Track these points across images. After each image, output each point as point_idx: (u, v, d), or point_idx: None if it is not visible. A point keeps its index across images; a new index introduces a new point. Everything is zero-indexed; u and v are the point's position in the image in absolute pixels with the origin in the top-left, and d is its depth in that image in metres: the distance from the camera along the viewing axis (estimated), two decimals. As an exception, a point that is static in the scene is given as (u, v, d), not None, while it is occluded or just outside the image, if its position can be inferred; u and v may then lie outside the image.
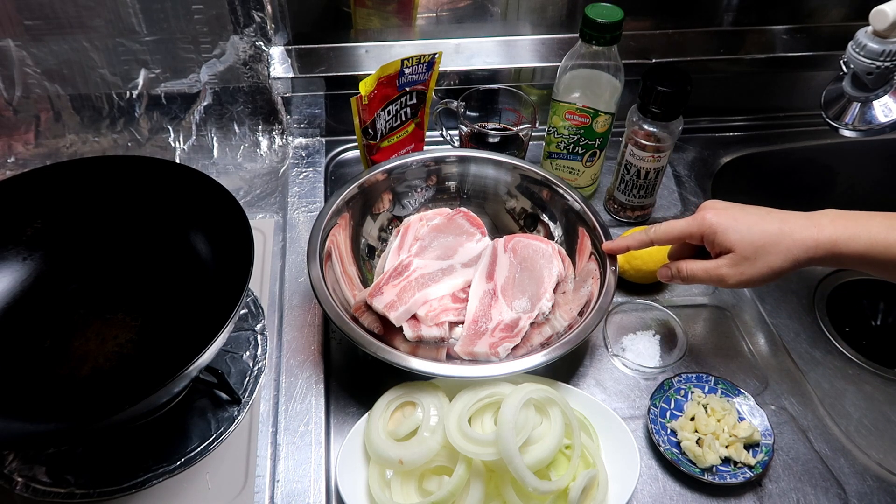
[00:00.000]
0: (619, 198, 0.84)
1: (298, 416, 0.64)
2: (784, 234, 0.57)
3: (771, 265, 0.57)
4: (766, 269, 0.57)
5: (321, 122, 0.93)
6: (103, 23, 0.81)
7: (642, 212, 0.85)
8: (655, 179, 0.80)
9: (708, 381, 0.67)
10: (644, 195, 0.82)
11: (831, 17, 0.98)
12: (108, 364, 0.64)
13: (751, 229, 0.58)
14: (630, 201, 0.83)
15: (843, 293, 0.93)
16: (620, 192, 0.83)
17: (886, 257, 0.55)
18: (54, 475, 0.60)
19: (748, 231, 0.58)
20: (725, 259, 0.59)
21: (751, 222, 0.58)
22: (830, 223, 0.57)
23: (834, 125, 0.79)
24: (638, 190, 0.81)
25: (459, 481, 0.55)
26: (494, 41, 0.93)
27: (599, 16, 0.70)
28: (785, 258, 0.57)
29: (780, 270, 0.57)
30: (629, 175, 0.80)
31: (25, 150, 0.88)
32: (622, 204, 0.84)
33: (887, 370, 0.83)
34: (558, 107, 0.78)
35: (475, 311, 0.68)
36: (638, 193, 0.82)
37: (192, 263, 0.70)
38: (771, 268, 0.57)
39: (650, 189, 0.81)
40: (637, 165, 0.79)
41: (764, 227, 0.58)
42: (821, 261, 0.57)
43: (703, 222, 0.59)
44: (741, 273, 0.58)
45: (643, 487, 0.61)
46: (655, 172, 0.79)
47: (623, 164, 0.81)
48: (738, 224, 0.58)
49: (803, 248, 0.56)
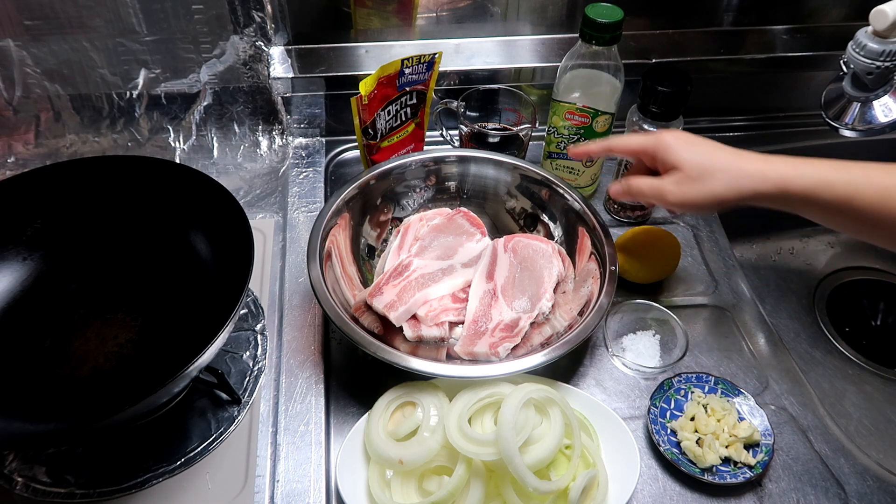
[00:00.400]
0: (623, 199, 0.83)
1: (298, 416, 0.64)
2: (734, 163, 0.57)
3: (714, 190, 0.57)
4: (709, 193, 0.58)
5: (321, 122, 0.93)
6: (103, 23, 0.81)
7: (642, 212, 0.84)
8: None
9: (708, 381, 0.67)
10: None
11: (831, 17, 0.98)
12: (108, 364, 0.64)
13: (702, 152, 0.59)
14: (630, 201, 0.83)
15: (843, 293, 0.93)
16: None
17: (830, 197, 0.55)
18: (54, 475, 0.60)
19: (698, 153, 0.59)
20: (671, 176, 0.59)
21: (704, 147, 0.59)
22: (782, 162, 0.57)
23: (834, 125, 0.79)
24: None
25: (459, 481, 0.55)
26: (494, 41, 0.93)
27: (599, 16, 0.70)
28: (729, 186, 0.57)
29: (723, 198, 0.57)
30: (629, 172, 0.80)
31: (25, 150, 0.88)
32: (622, 204, 0.84)
33: (887, 370, 0.83)
34: (558, 107, 0.78)
35: (475, 311, 0.68)
36: None
37: (192, 263, 0.70)
38: (713, 192, 0.57)
39: None
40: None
41: (716, 153, 0.58)
42: (768, 197, 0.57)
43: (658, 138, 0.60)
44: (683, 192, 0.59)
45: (643, 487, 0.61)
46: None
47: (623, 164, 0.81)
48: (691, 146, 0.59)
49: (750, 179, 0.56)
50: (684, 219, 0.86)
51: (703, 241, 0.84)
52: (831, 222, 0.57)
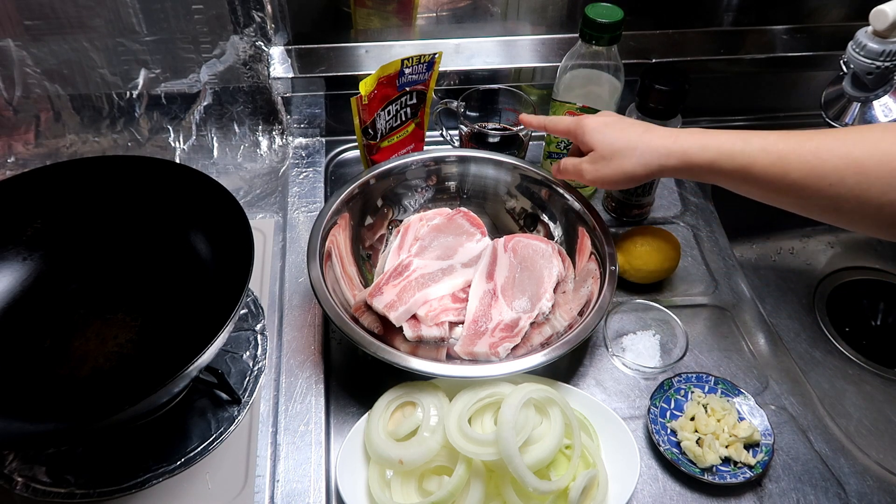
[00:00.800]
0: (618, 196, 0.83)
1: (298, 416, 0.64)
2: (642, 141, 0.62)
3: (623, 167, 0.63)
4: (619, 170, 0.63)
5: (321, 122, 0.93)
6: (103, 23, 0.81)
7: (640, 210, 0.84)
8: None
9: (708, 381, 0.67)
10: (641, 193, 0.81)
11: (831, 17, 0.98)
12: (108, 364, 0.64)
13: (613, 134, 0.64)
14: (628, 200, 0.82)
15: (843, 293, 0.93)
16: (618, 192, 0.83)
17: (730, 167, 0.58)
18: (54, 475, 0.60)
19: (610, 134, 0.64)
20: (588, 157, 0.66)
21: (617, 129, 0.64)
22: (688, 136, 0.61)
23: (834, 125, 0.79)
24: (635, 188, 0.80)
25: (459, 481, 0.55)
26: (494, 41, 0.93)
27: (599, 16, 0.70)
28: (637, 163, 0.62)
29: (632, 174, 0.63)
30: None
31: (25, 150, 0.88)
32: (620, 202, 0.83)
33: (887, 370, 0.83)
34: (559, 107, 0.78)
35: (475, 311, 0.68)
36: (635, 191, 0.81)
37: (192, 263, 0.70)
38: (623, 170, 0.63)
39: (647, 188, 0.81)
40: None
41: (626, 133, 0.63)
42: (674, 170, 0.61)
43: (579, 122, 0.67)
44: (597, 170, 0.65)
45: (643, 487, 0.61)
46: None
47: None
48: (605, 128, 0.64)
49: (656, 155, 0.61)
50: (684, 219, 0.86)
51: (703, 241, 0.84)
52: (740, 190, 0.60)
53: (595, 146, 0.65)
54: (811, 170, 0.54)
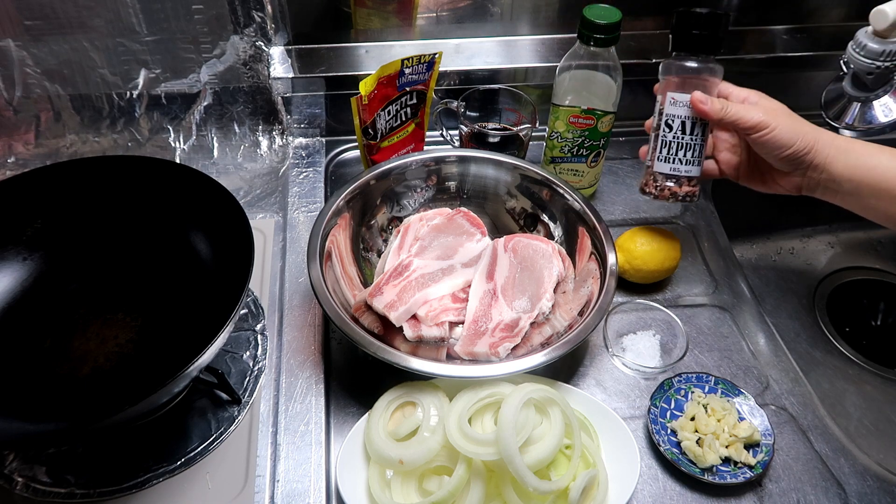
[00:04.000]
0: (663, 170, 0.68)
1: (298, 416, 0.64)
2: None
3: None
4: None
5: (321, 122, 0.93)
6: (103, 23, 0.81)
7: (691, 188, 0.69)
8: (703, 137, 0.67)
9: (708, 381, 0.67)
10: (692, 159, 0.67)
11: (831, 17, 0.98)
12: (108, 364, 0.64)
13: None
14: (675, 170, 0.68)
15: (843, 293, 0.93)
16: (663, 162, 0.68)
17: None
18: (54, 475, 0.60)
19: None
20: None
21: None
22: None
23: (834, 125, 0.79)
24: (685, 151, 0.67)
25: (459, 481, 0.55)
26: (494, 41, 0.93)
27: (597, 17, 0.70)
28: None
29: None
30: (671, 133, 0.67)
31: (25, 150, 0.88)
32: (667, 176, 0.69)
33: (887, 370, 0.83)
34: (560, 111, 0.78)
35: (475, 311, 0.68)
36: (685, 157, 0.67)
37: (192, 263, 0.70)
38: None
39: (697, 151, 0.67)
40: (681, 115, 0.66)
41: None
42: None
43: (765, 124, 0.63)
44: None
45: (643, 487, 0.61)
46: (702, 126, 0.66)
47: (663, 124, 0.67)
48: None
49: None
50: (684, 219, 0.86)
51: (703, 241, 0.84)
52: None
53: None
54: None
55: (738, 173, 0.69)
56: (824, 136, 0.62)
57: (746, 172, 0.69)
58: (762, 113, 0.62)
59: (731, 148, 0.69)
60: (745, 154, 0.68)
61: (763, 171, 0.67)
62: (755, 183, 0.68)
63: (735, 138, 0.69)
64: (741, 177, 0.69)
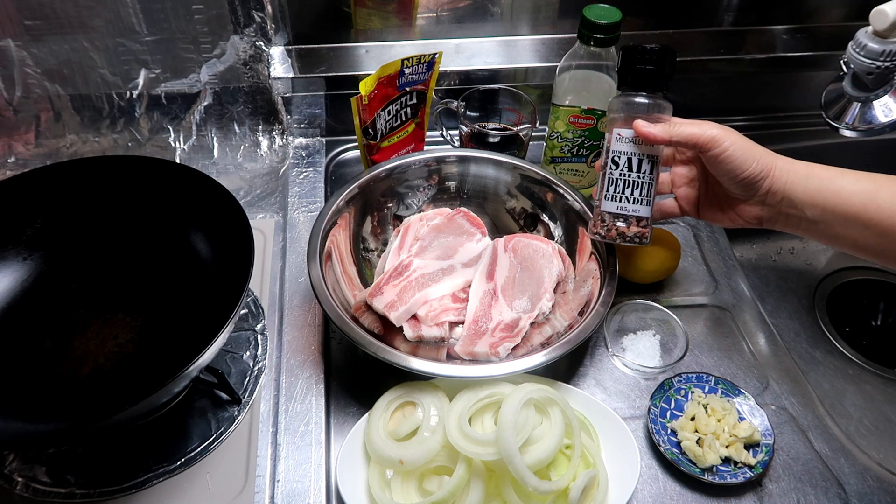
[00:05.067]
0: (607, 209, 0.64)
1: (298, 416, 0.64)
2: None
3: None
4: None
5: (321, 122, 0.93)
6: (103, 23, 0.81)
7: (640, 228, 0.64)
8: (651, 173, 0.63)
9: (708, 381, 0.67)
10: (640, 198, 0.63)
11: (831, 17, 0.98)
12: (108, 364, 0.64)
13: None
14: (622, 209, 0.63)
15: (843, 293, 0.93)
16: (609, 200, 0.64)
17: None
18: (54, 475, 0.60)
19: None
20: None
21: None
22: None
23: (834, 125, 0.79)
24: (631, 189, 0.63)
25: (459, 481, 0.55)
26: (494, 41, 0.93)
27: (597, 17, 0.70)
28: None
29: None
30: (618, 169, 0.63)
31: (25, 150, 0.88)
32: (614, 216, 0.64)
33: (887, 370, 0.83)
34: (560, 111, 0.78)
35: (475, 311, 0.68)
36: (631, 195, 0.63)
37: (192, 263, 0.70)
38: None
39: (646, 189, 0.63)
40: (627, 152, 0.62)
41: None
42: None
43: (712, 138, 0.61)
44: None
45: (643, 487, 0.61)
46: (650, 161, 0.62)
47: (609, 161, 0.64)
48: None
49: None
50: (684, 219, 0.86)
51: (703, 241, 0.84)
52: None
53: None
54: None
55: (698, 208, 0.67)
56: (782, 162, 0.60)
57: (706, 205, 0.66)
58: (716, 129, 0.59)
59: (688, 182, 0.67)
60: (704, 187, 0.66)
61: (722, 203, 0.64)
62: (716, 216, 0.65)
63: (692, 171, 0.66)
64: (701, 211, 0.67)
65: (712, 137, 0.59)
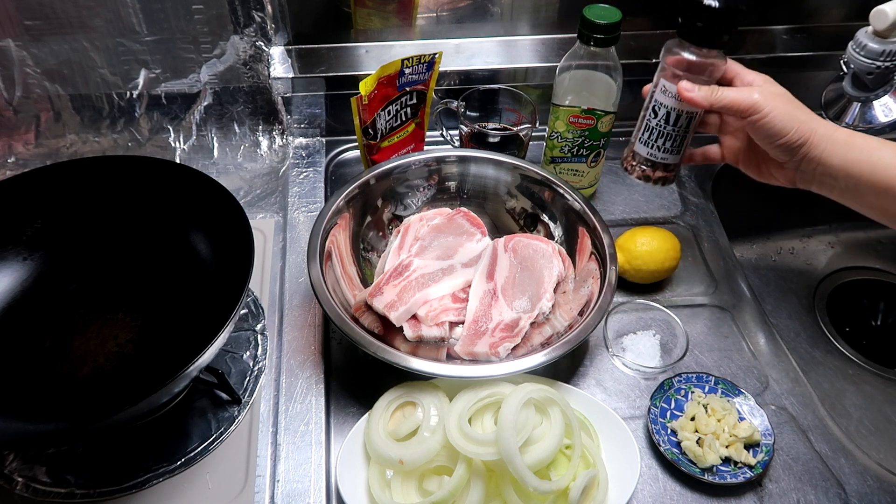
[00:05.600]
0: (641, 152, 0.68)
1: (298, 416, 0.64)
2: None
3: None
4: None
5: (321, 122, 0.93)
6: (103, 23, 0.81)
7: (665, 173, 0.69)
8: (687, 129, 0.65)
9: (708, 381, 0.67)
10: (671, 149, 0.66)
11: (831, 17, 0.98)
12: (109, 364, 0.64)
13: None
14: (653, 155, 0.67)
15: (843, 293, 0.93)
16: (643, 144, 0.67)
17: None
18: (54, 475, 0.60)
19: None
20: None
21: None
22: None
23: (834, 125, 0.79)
24: (664, 140, 0.66)
25: (459, 481, 0.55)
26: (494, 41, 0.93)
27: (597, 17, 0.70)
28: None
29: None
30: (657, 120, 0.65)
31: (25, 150, 0.88)
32: (644, 159, 0.68)
33: (887, 370, 0.83)
34: (560, 111, 0.78)
35: (475, 311, 0.68)
36: (664, 145, 0.66)
37: (192, 263, 0.70)
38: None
39: (679, 141, 0.66)
40: (668, 106, 0.64)
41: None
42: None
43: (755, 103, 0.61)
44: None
45: (643, 487, 0.61)
46: (688, 119, 0.64)
47: (651, 108, 0.66)
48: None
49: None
50: (684, 219, 0.86)
51: (703, 241, 0.84)
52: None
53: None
54: None
55: (738, 158, 0.68)
56: (823, 129, 0.59)
57: (745, 158, 0.67)
58: (758, 95, 0.59)
59: (734, 132, 0.67)
60: (747, 141, 0.67)
61: (759, 161, 0.65)
62: (751, 171, 0.67)
63: (740, 122, 0.66)
64: (740, 162, 0.68)
65: (753, 104, 0.59)
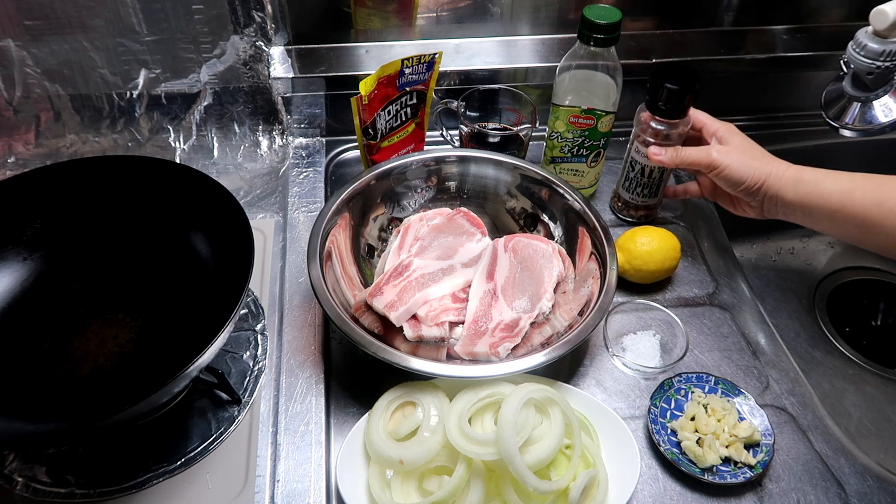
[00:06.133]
0: (624, 196, 0.83)
1: (298, 416, 0.64)
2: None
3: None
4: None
5: (321, 122, 0.93)
6: (103, 23, 0.81)
7: (647, 212, 0.84)
8: (660, 179, 0.79)
9: (708, 380, 0.67)
10: (648, 194, 0.81)
11: (831, 17, 0.98)
12: (108, 364, 0.64)
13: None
14: (634, 200, 0.82)
15: (843, 293, 0.93)
16: (625, 190, 0.82)
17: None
18: (54, 475, 0.60)
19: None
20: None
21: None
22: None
23: (834, 125, 0.79)
24: (642, 189, 0.80)
25: (459, 481, 0.55)
26: (494, 41, 0.93)
27: (597, 17, 0.70)
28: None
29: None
30: (634, 173, 0.80)
31: (25, 150, 0.88)
32: (626, 202, 0.83)
33: (887, 370, 0.83)
34: (560, 111, 0.78)
35: (475, 311, 0.68)
36: (642, 192, 0.81)
37: (192, 263, 0.70)
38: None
39: (654, 189, 0.80)
40: (642, 163, 0.78)
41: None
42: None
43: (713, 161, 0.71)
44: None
45: (643, 487, 0.61)
46: (660, 172, 0.79)
47: (629, 162, 0.80)
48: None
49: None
50: (684, 219, 0.86)
51: (703, 241, 0.84)
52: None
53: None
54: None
55: (714, 195, 0.78)
56: (776, 170, 0.68)
57: (720, 195, 0.77)
58: (715, 154, 0.70)
59: (705, 175, 0.76)
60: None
61: (731, 197, 0.75)
62: (727, 206, 0.77)
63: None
64: (717, 198, 0.78)
65: (710, 162, 0.71)
